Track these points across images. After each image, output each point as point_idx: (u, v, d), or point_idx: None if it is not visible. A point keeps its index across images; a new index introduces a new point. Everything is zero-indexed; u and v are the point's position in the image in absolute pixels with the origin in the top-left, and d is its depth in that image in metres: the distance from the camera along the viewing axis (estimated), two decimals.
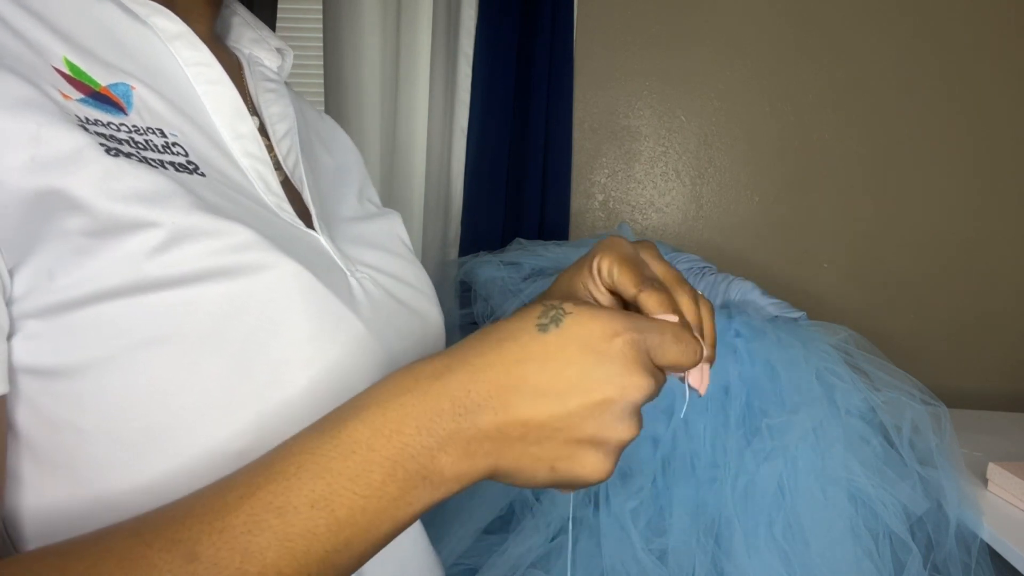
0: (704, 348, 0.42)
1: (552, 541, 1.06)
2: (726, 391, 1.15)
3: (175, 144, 0.43)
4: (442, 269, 1.65)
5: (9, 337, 0.36)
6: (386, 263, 0.56)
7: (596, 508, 1.09)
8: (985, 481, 1.13)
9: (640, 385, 0.36)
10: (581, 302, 0.37)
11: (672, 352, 0.38)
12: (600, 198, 1.76)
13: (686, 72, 1.72)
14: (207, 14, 0.53)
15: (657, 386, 0.38)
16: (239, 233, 0.40)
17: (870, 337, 1.28)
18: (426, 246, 1.64)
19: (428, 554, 0.56)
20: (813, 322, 1.31)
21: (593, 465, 0.36)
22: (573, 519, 1.09)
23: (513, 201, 1.68)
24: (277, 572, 0.32)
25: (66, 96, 0.39)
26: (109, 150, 0.38)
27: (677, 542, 1.03)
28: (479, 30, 1.63)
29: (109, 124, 0.40)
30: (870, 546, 1.03)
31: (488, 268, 1.44)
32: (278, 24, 1.70)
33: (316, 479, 0.33)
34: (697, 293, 0.47)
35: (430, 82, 1.59)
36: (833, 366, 1.18)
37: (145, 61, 0.46)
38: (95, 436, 0.37)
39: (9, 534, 0.38)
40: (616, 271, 0.45)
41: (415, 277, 0.58)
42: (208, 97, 0.48)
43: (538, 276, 1.39)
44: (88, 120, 0.39)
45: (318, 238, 0.50)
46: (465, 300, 1.48)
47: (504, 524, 1.11)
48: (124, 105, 0.42)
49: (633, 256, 0.46)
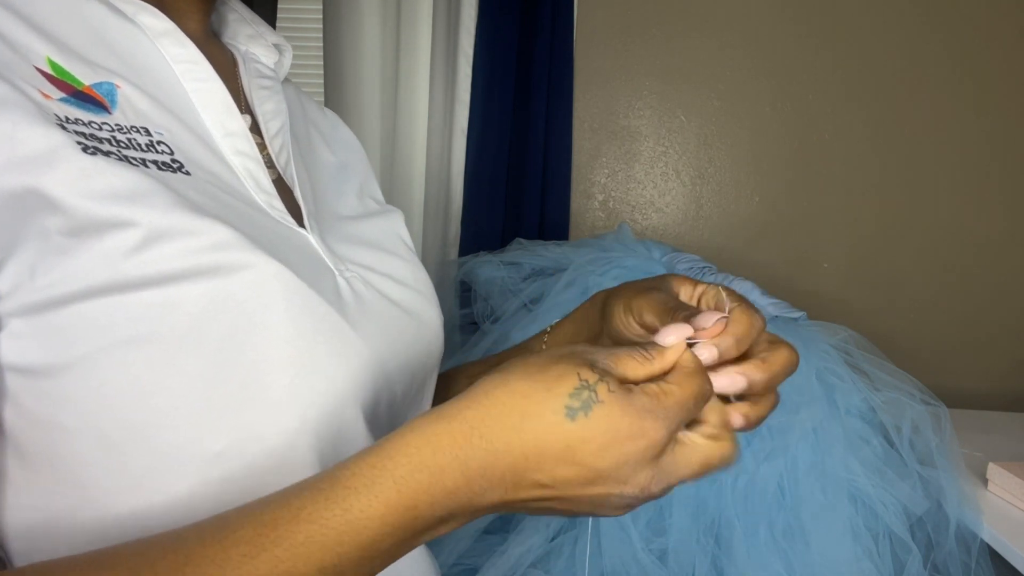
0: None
1: (552, 541, 1.06)
2: None
3: (160, 142, 0.43)
4: (442, 269, 1.65)
5: None
6: (382, 263, 0.55)
7: None
8: (985, 481, 1.13)
9: (664, 483, 0.36)
10: (617, 384, 0.35)
11: (711, 416, 0.38)
12: (600, 198, 1.76)
13: (686, 72, 1.72)
14: (199, 11, 0.53)
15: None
16: (218, 232, 0.40)
17: (870, 337, 1.28)
18: (426, 246, 1.64)
19: (423, 555, 0.56)
20: (813, 322, 1.31)
21: (605, 513, 0.37)
22: (572, 518, 1.09)
23: (513, 201, 1.67)
24: None
25: (46, 95, 0.39)
26: (87, 148, 0.38)
27: (677, 542, 1.03)
28: (479, 30, 1.63)
29: (90, 123, 0.40)
30: (870, 546, 1.03)
31: (488, 268, 1.44)
32: (278, 24, 1.70)
33: (325, 551, 0.32)
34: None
35: (430, 82, 1.59)
36: (833, 366, 1.18)
37: (132, 59, 0.46)
38: (78, 434, 0.37)
39: None
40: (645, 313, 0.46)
41: (413, 277, 0.58)
42: (197, 95, 0.48)
43: (538, 276, 1.39)
44: (68, 119, 0.38)
45: (307, 237, 0.49)
46: (465, 300, 1.48)
47: (504, 524, 1.11)
48: (108, 104, 0.42)
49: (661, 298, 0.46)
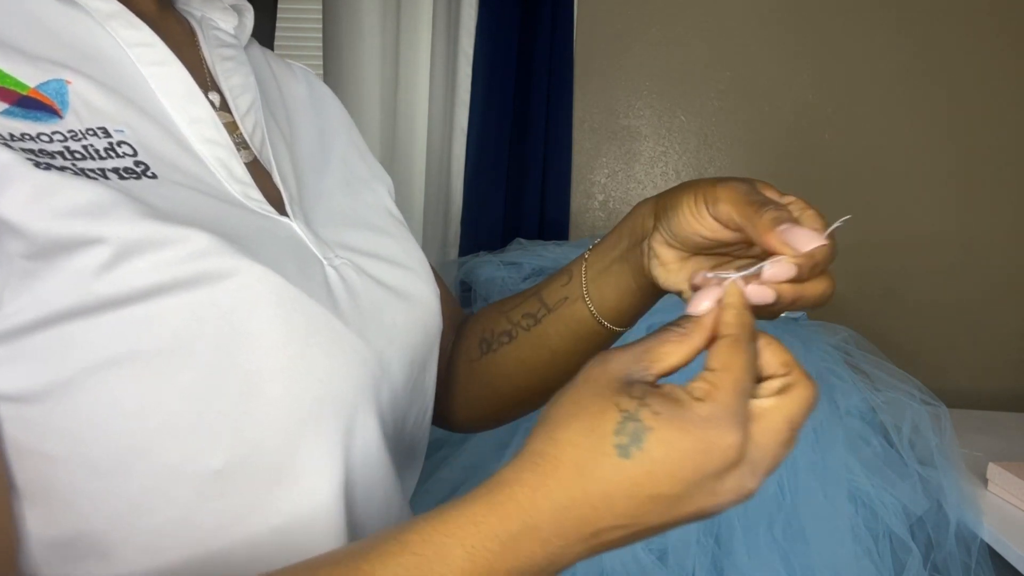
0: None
1: None
2: None
3: (121, 143, 0.39)
4: (442, 269, 1.65)
5: None
6: (370, 243, 0.51)
7: None
8: (985, 481, 1.13)
9: (763, 468, 0.33)
10: (661, 401, 0.32)
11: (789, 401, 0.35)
12: (600, 198, 1.76)
13: (686, 72, 1.72)
14: None
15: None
16: (195, 239, 0.37)
17: (870, 337, 1.28)
18: (426, 246, 1.64)
19: (394, 488, 0.54)
20: (813, 322, 1.31)
21: (718, 512, 0.34)
22: None
23: (513, 201, 1.68)
24: None
25: None
26: (39, 164, 0.35)
27: (677, 542, 1.03)
28: (479, 30, 1.63)
29: (39, 136, 0.37)
30: (870, 546, 1.03)
31: (488, 268, 1.44)
32: (278, 24, 1.70)
33: None
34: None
35: (430, 82, 1.59)
36: (833, 366, 1.18)
37: (81, 47, 0.41)
38: (65, 463, 0.35)
39: None
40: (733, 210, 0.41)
41: (404, 254, 0.54)
42: (155, 80, 0.43)
43: (538, 276, 1.39)
44: (12, 136, 0.36)
45: (291, 225, 0.45)
46: (465, 300, 1.48)
47: None
48: (58, 107, 0.38)
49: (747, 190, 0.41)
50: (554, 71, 1.65)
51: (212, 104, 0.47)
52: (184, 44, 0.50)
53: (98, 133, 0.39)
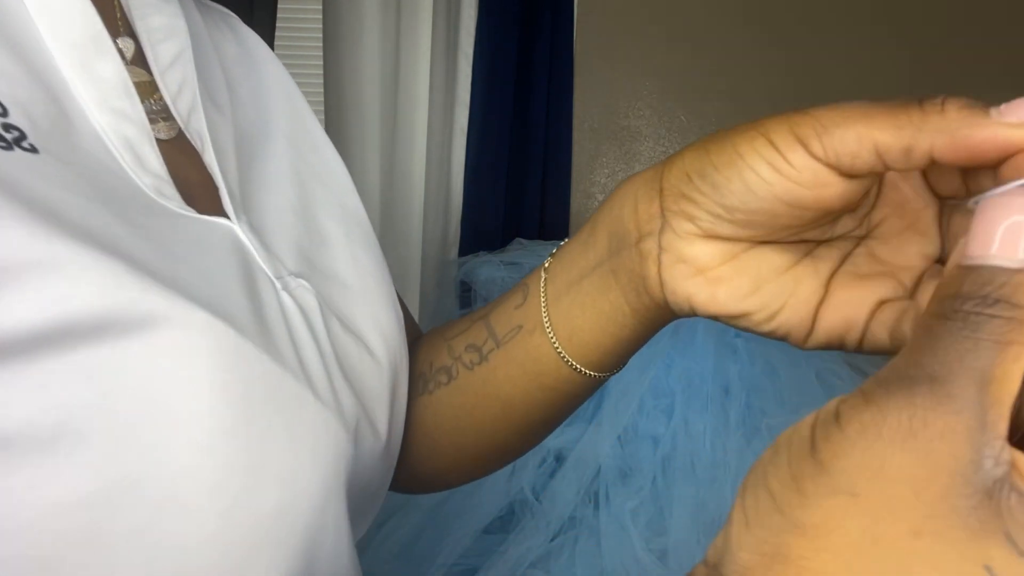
0: None
1: (552, 541, 1.06)
2: (726, 391, 1.15)
3: (8, 126, 0.25)
4: (442, 269, 1.65)
5: None
6: (326, 256, 0.38)
7: (596, 508, 1.09)
8: None
9: None
10: None
11: None
12: (600, 198, 1.76)
13: (686, 72, 1.72)
14: None
15: None
16: (87, 269, 0.23)
17: None
18: (426, 246, 1.64)
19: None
20: None
21: None
22: (572, 518, 1.09)
23: (513, 201, 1.68)
24: None
25: None
26: None
27: (677, 542, 1.03)
28: (479, 30, 1.63)
29: None
30: None
31: (488, 268, 1.44)
32: (278, 24, 1.70)
33: None
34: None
35: (430, 82, 1.59)
36: (833, 366, 1.18)
37: None
38: None
39: None
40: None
41: (368, 271, 0.40)
42: (43, 20, 0.29)
43: None
44: None
45: (232, 229, 0.32)
46: (465, 300, 1.48)
47: (504, 524, 1.11)
48: None
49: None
50: (554, 71, 1.66)
51: (122, 54, 0.32)
52: None
53: None
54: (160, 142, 0.32)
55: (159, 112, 0.33)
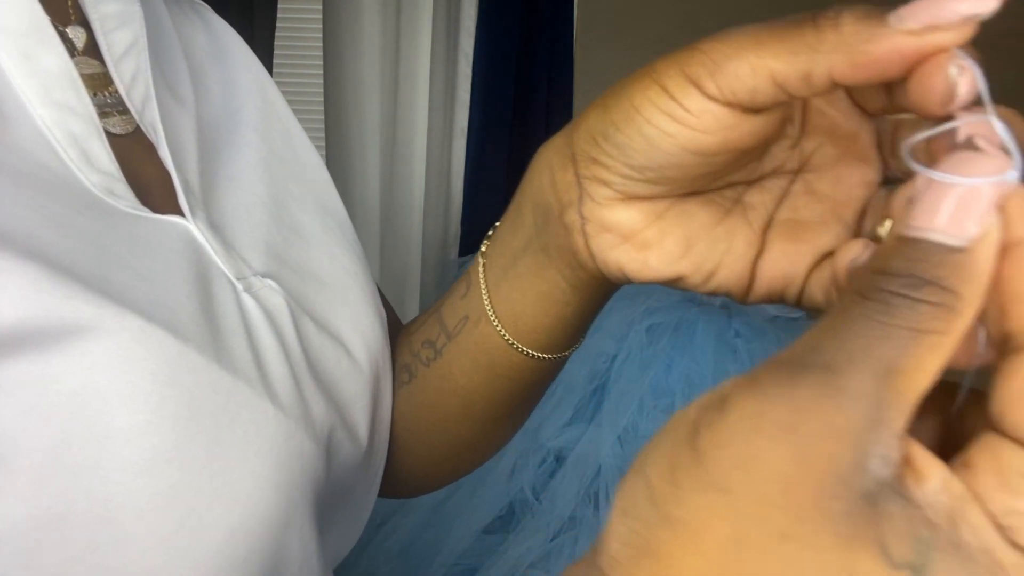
0: None
1: (552, 541, 1.07)
2: None
3: None
4: (442, 269, 1.65)
5: None
6: (302, 253, 0.36)
7: (596, 508, 1.09)
8: None
9: None
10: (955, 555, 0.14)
11: None
12: None
13: None
14: None
15: None
16: (17, 270, 0.22)
17: None
18: (426, 246, 1.64)
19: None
20: (813, 322, 1.30)
21: None
22: (572, 518, 1.09)
23: None
24: None
25: None
26: None
27: None
28: (479, 30, 1.63)
29: None
30: None
31: None
32: (278, 24, 1.70)
33: None
34: None
35: (430, 82, 1.59)
36: None
37: None
38: None
39: None
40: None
41: (331, 270, 0.38)
42: None
43: None
44: None
45: (186, 228, 0.30)
46: None
47: (504, 524, 1.11)
48: None
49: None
50: (554, 71, 1.66)
51: (71, 44, 0.31)
52: None
53: None
54: (115, 137, 0.30)
55: (114, 105, 0.31)
